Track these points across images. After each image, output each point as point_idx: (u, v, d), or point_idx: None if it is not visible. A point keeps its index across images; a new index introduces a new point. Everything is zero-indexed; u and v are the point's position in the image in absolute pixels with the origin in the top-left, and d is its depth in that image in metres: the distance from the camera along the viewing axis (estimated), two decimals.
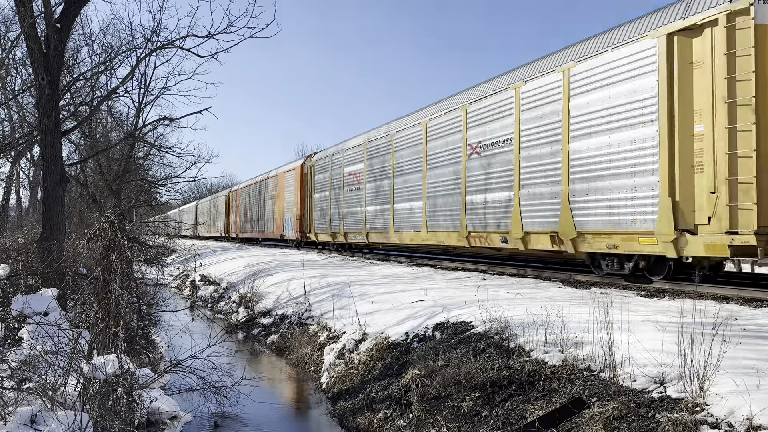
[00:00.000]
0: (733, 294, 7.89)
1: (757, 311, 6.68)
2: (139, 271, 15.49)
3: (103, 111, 22.11)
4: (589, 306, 6.03)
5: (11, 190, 27.43)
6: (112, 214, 7.45)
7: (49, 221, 9.87)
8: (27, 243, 11.57)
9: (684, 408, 3.92)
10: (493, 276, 11.99)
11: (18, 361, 5.97)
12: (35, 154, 25.67)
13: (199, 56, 12.66)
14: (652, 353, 4.72)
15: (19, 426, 4.77)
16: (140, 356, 7.79)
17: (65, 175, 10.42)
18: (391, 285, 11.02)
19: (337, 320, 9.37)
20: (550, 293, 8.75)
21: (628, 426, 4.04)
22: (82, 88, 18.79)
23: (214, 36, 11.51)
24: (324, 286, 11.99)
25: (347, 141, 20.97)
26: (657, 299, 7.97)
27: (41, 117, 10.22)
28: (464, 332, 6.81)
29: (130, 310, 7.59)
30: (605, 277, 9.90)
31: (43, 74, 9.89)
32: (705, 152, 7.79)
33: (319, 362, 8.60)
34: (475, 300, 7.45)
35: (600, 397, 4.52)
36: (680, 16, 8.18)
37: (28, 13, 9.76)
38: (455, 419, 5.36)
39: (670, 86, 8.18)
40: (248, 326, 12.46)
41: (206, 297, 17.21)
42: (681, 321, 4.60)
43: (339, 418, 6.77)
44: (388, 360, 7.19)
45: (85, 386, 5.35)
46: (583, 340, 5.45)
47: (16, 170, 26.12)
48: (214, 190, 59.79)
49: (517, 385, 5.28)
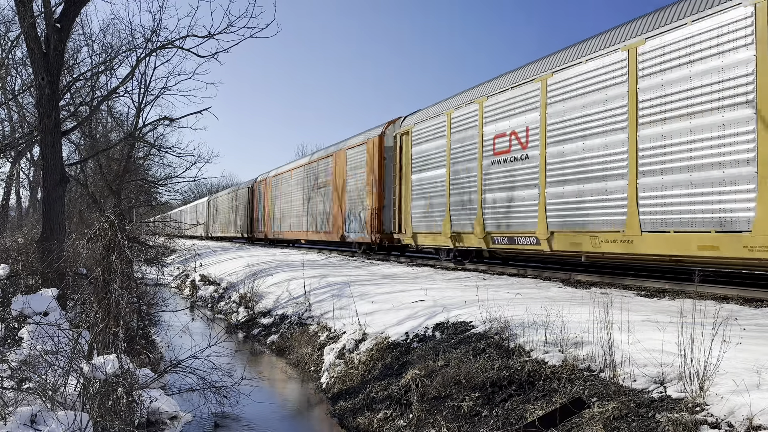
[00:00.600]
0: (733, 294, 7.89)
1: (757, 311, 6.68)
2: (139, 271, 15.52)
3: (103, 111, 22.11)
4: (589, 306, 6.04)
5: (11, 190, 27.44)
6: (112, 214, 7.45)
7: (49, 221, 9.87)
8: (27, 243, 11.58)
9: (684, 408, 3.91)
10: (493, 276, 11.99)
11: (18, 361, 5.97)
12: (35, 154, 25.70)
13: (199, 56, 12.68)
14: (652, 353, 4.72)
15: (19, 426, 4.77)
16: (140, 356, 7.79)
17: (65, 175, 10.41)
18: (391, 285, 11.02)
19: (337, 320, 9.37)
20: (550, 293, 8.75)
21: (628, 426, 4.04)
22: (82, 88, 18.78)
23: (214, 36, 11.52)
24: (324, 286, 11.99)
25: (486, 84, 13.19)
26: (657, 299, 7.97)
27: (41, 117, 10.22)
28: (464, 332, 6.81)
29: (130, 310, 7.60)
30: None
31: (43, 74, 9.89)
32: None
33: (319, 362, 8.60)
34: (476, 300, 7.45)
35: (600, 397, 4.52)
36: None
37: (28, 13, 9.76)
38: (455, 419, 5.36)
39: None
40: (248, 326, 12.46)
41: (206, 297, 17.21)
42: (681, 321, 4.60)
43: (339, 418, 6.77)
44: (388, 360, 7.19)
45: (85, 386, 5.35)
46: (583, 340, 5.45)
47: (16, 170, 26.13)
48: (214, 189, 59.26)
49: (517, 385, 5.28)
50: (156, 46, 13.98)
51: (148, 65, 18.47)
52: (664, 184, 8.58)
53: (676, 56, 8.49)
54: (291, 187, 27.73)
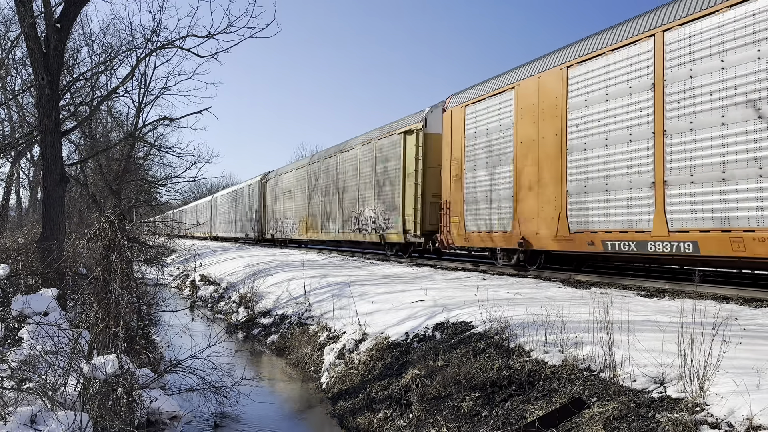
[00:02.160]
0: (733, 294, 7.89)
1: (757, 311, 6.68)
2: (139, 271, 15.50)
3: (103, 111, 22.09)
4: (589, 306, 6.03)
5: (11, 190, 27.42)
6: (112, 214, 7.44)
7: (49, 221, 9.87)
8: (27, 243, 11.57)
9: (684, 408, 3.91)
10: (493, 276, 11.98)
11: (18, 361, 5.96)
12: (35, 154, 25.68)
13: (199, 56, 12.66)
14: (652, 353, 4.72)
15: (19, 426, 4.77)
16: (140, 356, 7.79)
17: (65, 175, 10.41)
18: (391, 285, 11.02)
19: (337, 320, 9.37)
20: (550, 293, 8.75)
21: (628, 426, 4.04)
22: (82, 88, 18.77)
23: (214, 36, 11.51)
24: (324, 286, 11.99)
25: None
26: (657, 299, 7.97)
27: (41, 117, 10.21)
28: (464, 332, 6.81)
29: (130, 310, 7.59)
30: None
31: (43, 74, 9.89)
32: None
33: (319, 362, 8.60)
34: (475, 300, 7.44)
35: (600, 397, 4.52)
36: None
37: (28, 13, 9.76)
38: (455, 419, 5.36)
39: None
40: (248, 326, 12.46)
41: (206, 297, 17.21)
42: (681, 321, 4.60)
43: (339, 418, 6.77)
44: (388, 360, 7.19)
45: (85, 386, 5.35)
46: (583, 340, 5.45)
47: (16, 170, 26.11)
48: (214, 190, 59.04)
49: (517, 385, 5.28)
50: (156, 46, 13.98)
51: (148, 65, 18.44)
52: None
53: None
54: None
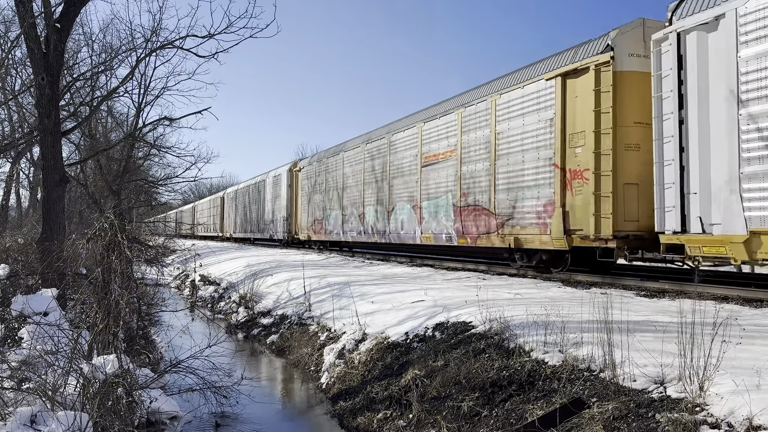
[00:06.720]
0: (733, 294, 7.90)
1: (757, 311, 6.68)
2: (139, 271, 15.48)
3: (103, 111, 22.11)
4: (589, 306, 6.03)
5: (11, 190, 27.44)
6: (112, 214, 7.44)
7: (49, 221, 9.87)
8: (27, 243, 11.57)
9: (684, 408, 3.91)
10: (493, 276, 11.98)
11: (18, 361, 5.96)
12: (35, 154, 25.67)
13: (199, 56, 12.69)
14: (651, 353, 4.72)
15: (19, 426, 4.77)
16: (140, 356, 7.78)
17: (65, 175, 10.41)
18: (391, 285, 11.02)
19: (337, 320, 9.37)
20: (550, 293, 8.75)
21: (628, 426, 4.04)
22: (82, 88, 18.79)
23: (214, 36, 11.54)
24: (324, 286, 11.98)
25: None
26: (657, 299, 7.97)
27: (41, 117, 10.22)
28: (464, 332, 6.81)
29: (130, 310, 7.58)
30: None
31: (43, 74, 9.89)
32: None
33: (319, 362, 8.59)
34: (475, 300, 7.44)
35: (600, 397, 4.52)
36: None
37: (28, 13, 9.76)
38: (455, 419, 5.36)
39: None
40: (248, 326, 12.45)
41: (206, 297, 17.20)
42: (681, 321, 4.60)
43: (339, 418, 6.77)
44: (388, 360, 7.18)
45: (85, 386, 5.35)
46: (583, 340, 5.45)
47: (16, 170, 26.11)
48: (214, 190, 58.76)
49: (517, 385, 5.27)
50: (156, 46, 14.01)
51: (148, 65, 18.48)
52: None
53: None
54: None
